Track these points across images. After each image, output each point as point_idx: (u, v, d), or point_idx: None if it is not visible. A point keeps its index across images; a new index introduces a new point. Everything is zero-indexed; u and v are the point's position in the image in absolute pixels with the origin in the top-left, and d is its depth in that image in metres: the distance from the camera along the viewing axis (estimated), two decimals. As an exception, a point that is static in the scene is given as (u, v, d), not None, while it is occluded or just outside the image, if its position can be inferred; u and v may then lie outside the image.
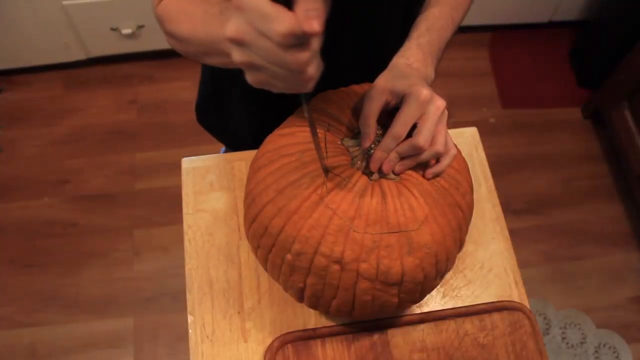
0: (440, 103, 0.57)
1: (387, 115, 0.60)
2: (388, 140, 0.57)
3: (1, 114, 1.93)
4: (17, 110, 1.94)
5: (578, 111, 2.03)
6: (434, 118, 0.56)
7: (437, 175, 0.61)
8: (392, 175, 0.59)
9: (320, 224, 0.57)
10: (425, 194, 0.59)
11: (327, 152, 0.60)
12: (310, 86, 0.43)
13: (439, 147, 0.58)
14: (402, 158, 0.59)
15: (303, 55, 0.38)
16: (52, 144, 1.88)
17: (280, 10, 0.35)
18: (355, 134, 0.63)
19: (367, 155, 0.59)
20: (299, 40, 0.37)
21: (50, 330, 1.58)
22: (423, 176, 0.61)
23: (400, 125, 0.56)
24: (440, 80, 2.29)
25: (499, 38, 2.15)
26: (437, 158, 0.60)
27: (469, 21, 2.07)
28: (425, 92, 0.56)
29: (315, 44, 0.39)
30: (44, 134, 1.89)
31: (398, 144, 0.57)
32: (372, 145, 0.59)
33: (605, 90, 1.86)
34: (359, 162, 0.60)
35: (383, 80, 0.60)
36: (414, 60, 0.64)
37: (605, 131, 1.95)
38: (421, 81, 0.59)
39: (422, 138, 0.56)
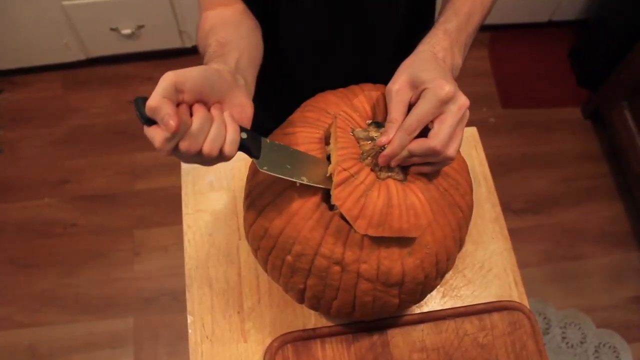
0: (463, 102, 0.52)
1: None
2: (400, 135, 0.53)
3: (1, 115, 1.93)
4: (17, 110, 1.94)
5: (578, 111, 2.02)
6: (454, 120, 0.52)
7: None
8: (400, 176, 0.57)
9: (320, 225, 0.57)
10: (431, 200, 0.58)
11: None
12: (227, 155, 0.48)
13: (450, 152, 0.53)
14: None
15: (191, 144, 0.46)
16: (52, 144, 1.88)
17: (152, 133, 0.45)
18: (369, 124, 0.60)
19: (380, 152, 0.56)
20: (175, 139, 0.45)
21: (50, 331, 1.58)
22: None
23: (415, 120, 0.52)
24: (440, 80, 2.27)
25: (499, 38, 2.15)
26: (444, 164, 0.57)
27: (469, 21, 2.07)
28: (447, 88, 0.51)
29: (195, 125, 0.46)
30: (44, 134, 1.89)
31: (412, 141, 0.53)
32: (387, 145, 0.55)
33: (605, 89, 1.85)
34: (369, 157, 0.57)
35: (403, 74, 0.55)
36: (439, 48, 0.60)
37: (605, 131, 1.95)
38: (445, 74, 0.54)
39: (439, 142, 0.52)
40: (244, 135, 0.50)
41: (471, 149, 0.90)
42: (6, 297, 1.63)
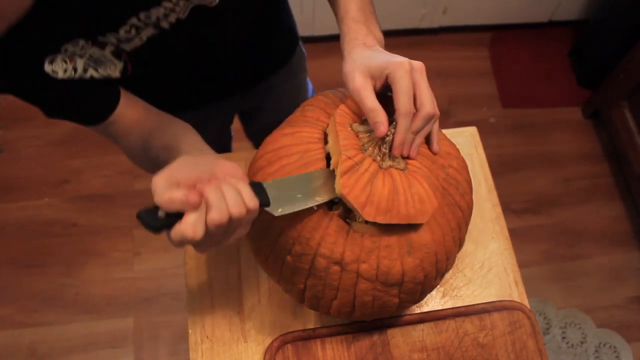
0: (419, 66, 0.57)
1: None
2: (403, 121, 0.56)
3: (1, 115, 1.93)
4: (17, 110, 1.94)
5: (578, 110, 2.02)
6: (425, 82, 0.56)
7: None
8: (402, 165, 0.58)
9: (320, 225, 0.57)
10: (434, 188, 0.58)
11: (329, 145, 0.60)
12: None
13: (436, 110, 0.58)
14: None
15: (219, 213, 0.47)
16: (52, 144, 1.88)
17: (178, 229, 0.46)
18: (364, 120, 0.61)
19: (381, 142, 0.57)
20: (202, 219, 0.46)
21: (50, 331, 1.58)
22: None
23: (406, 101, 0.55)
24: (440, 80, 2.26)
25: (499, 37, 2.15)
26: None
27: (469, 21, 2.07)
28: (404, 62, 0.56)
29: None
30: (44, 134, 1.89)
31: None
32: (388, 133, 0.57)
33: (605, 89, 1.85)
34: (370, 148, 0.58)
35: (355, 72, 0.58)
36: (362, 37, 0.63)
37: (605, 130, 1.95)
38: (388, 54, 0.59)
39: (429, 105, 0.56)
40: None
41: (471, 148, 0.90)
42: (6, 297, 1.63)
